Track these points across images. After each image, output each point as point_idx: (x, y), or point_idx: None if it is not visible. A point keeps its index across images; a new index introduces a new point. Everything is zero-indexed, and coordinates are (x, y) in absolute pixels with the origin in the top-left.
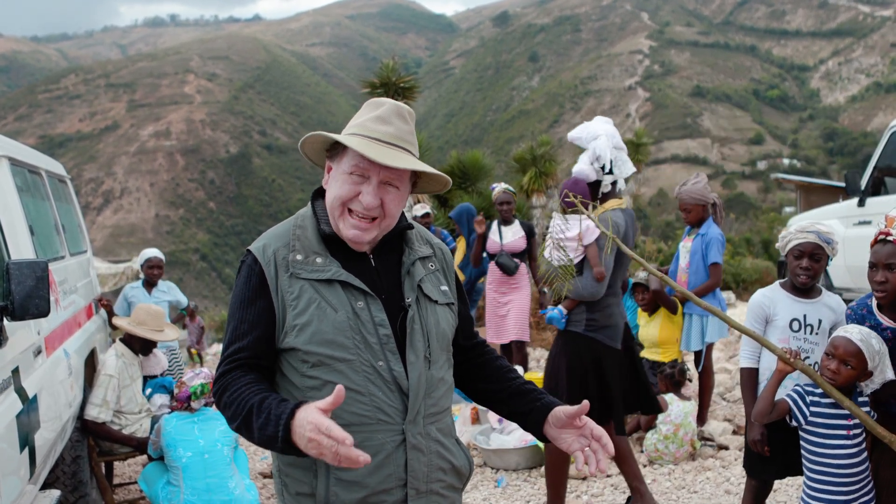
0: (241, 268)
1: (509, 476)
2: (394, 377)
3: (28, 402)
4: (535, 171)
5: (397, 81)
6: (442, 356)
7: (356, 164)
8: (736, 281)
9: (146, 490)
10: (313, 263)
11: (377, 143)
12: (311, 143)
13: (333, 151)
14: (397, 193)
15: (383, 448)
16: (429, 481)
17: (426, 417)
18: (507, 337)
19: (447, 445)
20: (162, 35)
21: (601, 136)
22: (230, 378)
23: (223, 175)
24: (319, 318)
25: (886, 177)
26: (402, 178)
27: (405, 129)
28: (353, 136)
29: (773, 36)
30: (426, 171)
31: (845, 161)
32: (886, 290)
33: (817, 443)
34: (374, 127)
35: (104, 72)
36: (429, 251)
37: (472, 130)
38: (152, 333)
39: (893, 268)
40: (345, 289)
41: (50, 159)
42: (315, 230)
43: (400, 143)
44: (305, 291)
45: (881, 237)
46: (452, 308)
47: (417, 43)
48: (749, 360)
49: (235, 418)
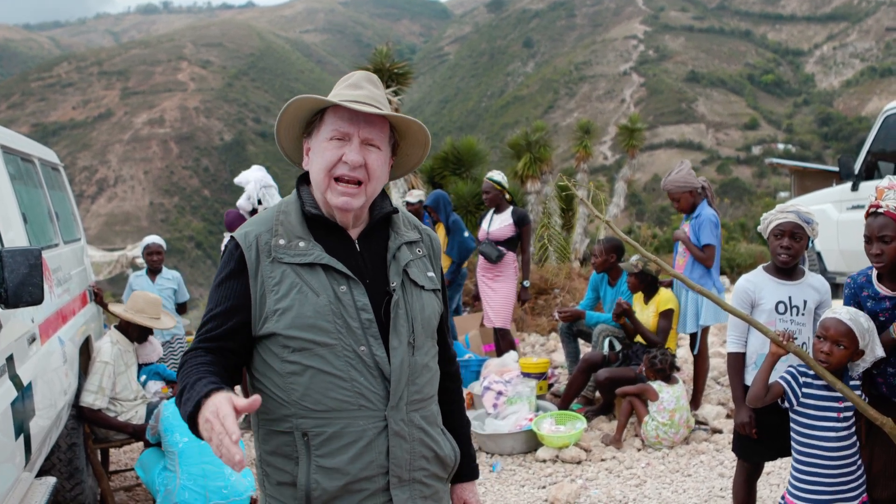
0: (224, 253)
1: (504, 461)
2: (376, 362)
3: (23, 389)
4: (530, 156)
5: (391, 68)
6: (427, 342)
7: (335, 129)
8: (731, 266)
9: (142, 476)
10: (296, 248)
11: (353, 103)
12: (288, 127)
13: (310, 129)
14: (379, 154)
15: (365, 434)
16: (411, 469)
17: (409, 404)
18: (491, 323)
19: (431, 434)
20: (155, 22)
21: (251, 181)
22: (189, 357)
23: (217, 162)
24: (301, 302)
25: (880, 161)
26: (382, 139)
27: (377, 92)
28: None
29: (768, 20)
30: (406, 132)
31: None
32: (883, 262)
33: (807, 424)
34: (347, 92)
35: (97, 59)
36: (416, 236)
37: (467, 116)
38: (149, 321)
39: (887, 239)
40: (327, 273)
41: (43, 147)
42: (299, 213)
43: (374, 103)
44: (287, 276)
45: (872, 209)
46: (438, 294)
47: (412, 29)
48: (736, 345)
49: (178, 395)
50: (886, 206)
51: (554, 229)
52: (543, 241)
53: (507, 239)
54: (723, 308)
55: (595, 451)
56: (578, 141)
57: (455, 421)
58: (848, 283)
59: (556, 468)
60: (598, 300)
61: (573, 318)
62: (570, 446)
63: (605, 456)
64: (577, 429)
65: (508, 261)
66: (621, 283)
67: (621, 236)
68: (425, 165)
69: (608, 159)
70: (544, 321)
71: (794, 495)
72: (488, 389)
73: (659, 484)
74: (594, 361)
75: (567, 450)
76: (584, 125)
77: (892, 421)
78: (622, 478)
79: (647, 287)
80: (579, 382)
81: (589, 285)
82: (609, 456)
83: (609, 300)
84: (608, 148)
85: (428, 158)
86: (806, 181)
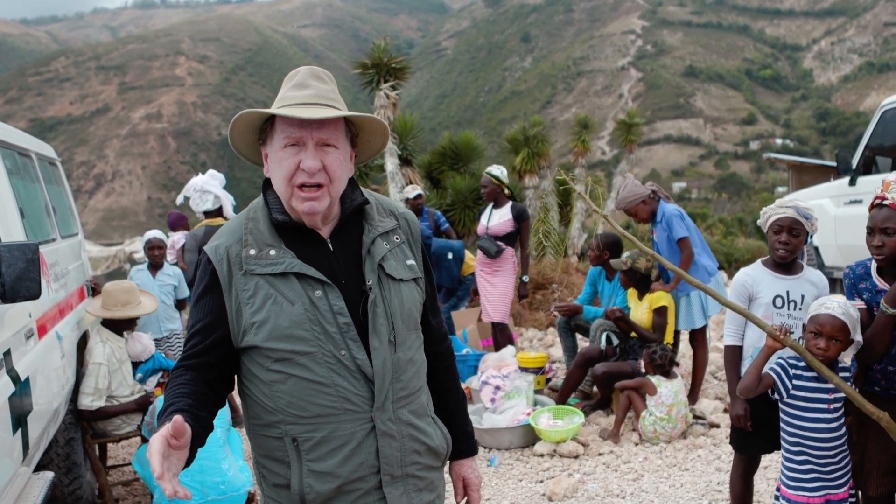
0: (198, 267)
1: (502, 455)
2: (357, 365)
3: (20, 384)
4: (528, 151)
5: (389, 62)
6: (410, 336)
7: (287, 136)
8: (728, 261)
9: (140, 471)
10: (267, 257)
11: (299, 107)
12: (240, 134)
13: (264, 136)
14: (337, 154)
15: (353, 437)
16: (403, 465)
17: (396, 402)
18: (489, 318)
19: (421, 427)
20: (152, 17)
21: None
22: (172, 378)
23: (215, 157)
24: (276, 313)
25: (878, 156)
26: (338, 137)
27: (325, 88)
28: (275, 108)
29: (766, 15)
30: (362, 125)
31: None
32: (884, 254)
33: (798, 416)
34: (292, 94)
35: (94, 54)
36: (392, 223)
37: (465, 111)
38: (132, 311)
39: (889, 231)
40: (300, 280)
41: (40, 142)
42: (267, 220)
43: (321, 101)
44: (261, 288)
45: (877, 201)
46: (420, 283)
47: (409, 24)
48: (732, 338)
49: (157, 420)
50: (892, 199)
51: (551, 224)
52: (539, 236)
53: (506, 234)
54: (719, 302)
55: (593, 445)
56: (576, 136)
57: (449, 399)
58: (847, 274)
59: (553, 462)
60: (595, 295)
61: (571, 312)
62: (567, 441)
63: (602, 450)
64: (574, 423)
65: (507, 256)
66: (619, 278)
67: (619, 230)
68: (423, 161)
69: (606, 154)
70: (542, 316)
71: (790, 486)
72: (486, 384)
73: (656, 478)
74: (591, 356)
75: (565, 444)
76: (582, 120)
77: (888, 415)
78: (620, 472)
79: (638, 284)
80: (577, 377)
81: (587, 280)
82: (607, 450)
83: (606, 295)
84: (606, 143)
85: (426, 153)
86: (804, 176)
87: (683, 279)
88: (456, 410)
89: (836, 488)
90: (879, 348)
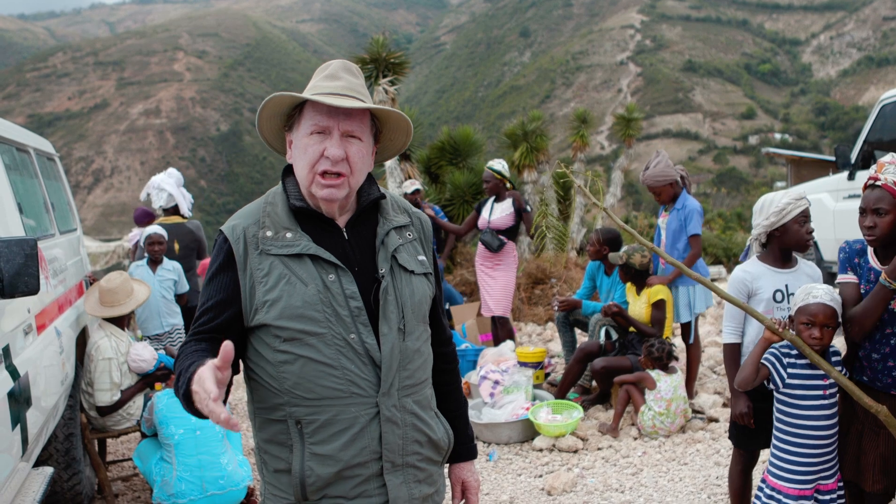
0: (214, 247)
1: (501, 450)
2: (366, 350)
3: (19, 379)
4: (527, 146)
5: (388, 57)
6: (418, 327)
7: (315, 123)
8: (727, 255)
9: (140, 466)
10: (283, 239)
11: (329, 96)
12: (268, 119)
13: (291, 123)
14: (360, 146)
15: (357, 421)
16: (404, 454)
17: (401, 390)
18: (490, 312)
19: (424, 418)
20: (150, 12)
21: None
22: (183, 348)
23: (214, 153)
24: (289, 293)
25: (876, 150)
26: (363, 130)
27: (355, 81)
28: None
29: (765, 10)
30: (387, 121)
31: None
32: (875, 235)
33: (795, 404)
34: (323, 84)
35: (92, 50)
36: (406, 220)
37: (464, 106)
38: (128, 305)
39: (881, 212)
40: (315, 262)
41: (38, 137)
42: (285, 205)
43: (352, 94)
44: (275, 267)
45: (870, 182)
46: (430, 278)
47: (408, 19)
48: (732, 336)
49: (175, 383)
50: (885, 180)
51: (551, 217)
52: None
53: (507, 228)
54: (719, 296)
55: (592, 439)
56: (575, 131)
57: (451, 402)
58: (843, 248)
59: (552, 457)
60: (594, 289)
61: (570, 307)
62: (566, 435)
63: (601, 445)
64: (573, 418)
65: (508, 250)
66: (617, 273)
67: (619, 224)
68: (422, 155)
69: (605, 149)
70: (541, 311)
71: (777, 476)
72: (485, 379)
73: (655, 472)
74: (590, 351)
75: (564, 439)
76: (581, 115)
77: (886, 408)
78: (619, 466)
79: (634, 278)
80: (576, 371)
81: (585, 274)
82: (606, 445)
83: (605, 289)
84: (605, 138)
85: (424, 148)
86: (802, 171)
87: (684, 273)
88: (457, 413)
89: (827, 479)
90: (868, 324)
